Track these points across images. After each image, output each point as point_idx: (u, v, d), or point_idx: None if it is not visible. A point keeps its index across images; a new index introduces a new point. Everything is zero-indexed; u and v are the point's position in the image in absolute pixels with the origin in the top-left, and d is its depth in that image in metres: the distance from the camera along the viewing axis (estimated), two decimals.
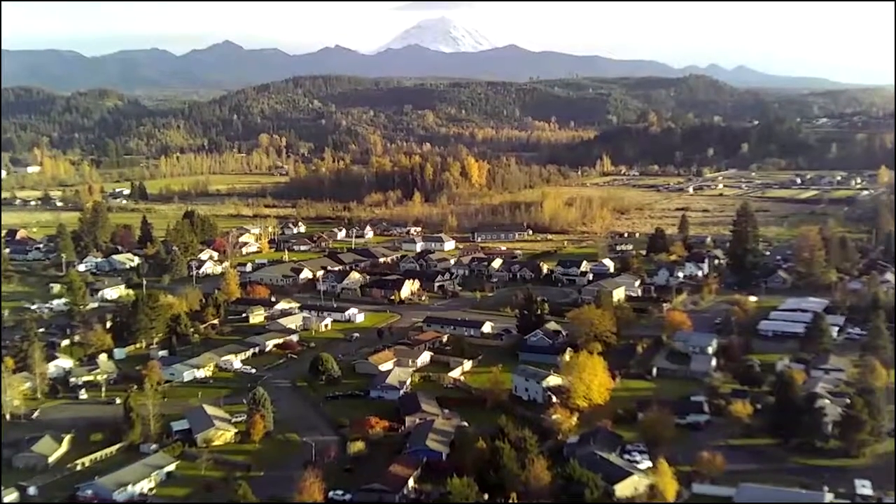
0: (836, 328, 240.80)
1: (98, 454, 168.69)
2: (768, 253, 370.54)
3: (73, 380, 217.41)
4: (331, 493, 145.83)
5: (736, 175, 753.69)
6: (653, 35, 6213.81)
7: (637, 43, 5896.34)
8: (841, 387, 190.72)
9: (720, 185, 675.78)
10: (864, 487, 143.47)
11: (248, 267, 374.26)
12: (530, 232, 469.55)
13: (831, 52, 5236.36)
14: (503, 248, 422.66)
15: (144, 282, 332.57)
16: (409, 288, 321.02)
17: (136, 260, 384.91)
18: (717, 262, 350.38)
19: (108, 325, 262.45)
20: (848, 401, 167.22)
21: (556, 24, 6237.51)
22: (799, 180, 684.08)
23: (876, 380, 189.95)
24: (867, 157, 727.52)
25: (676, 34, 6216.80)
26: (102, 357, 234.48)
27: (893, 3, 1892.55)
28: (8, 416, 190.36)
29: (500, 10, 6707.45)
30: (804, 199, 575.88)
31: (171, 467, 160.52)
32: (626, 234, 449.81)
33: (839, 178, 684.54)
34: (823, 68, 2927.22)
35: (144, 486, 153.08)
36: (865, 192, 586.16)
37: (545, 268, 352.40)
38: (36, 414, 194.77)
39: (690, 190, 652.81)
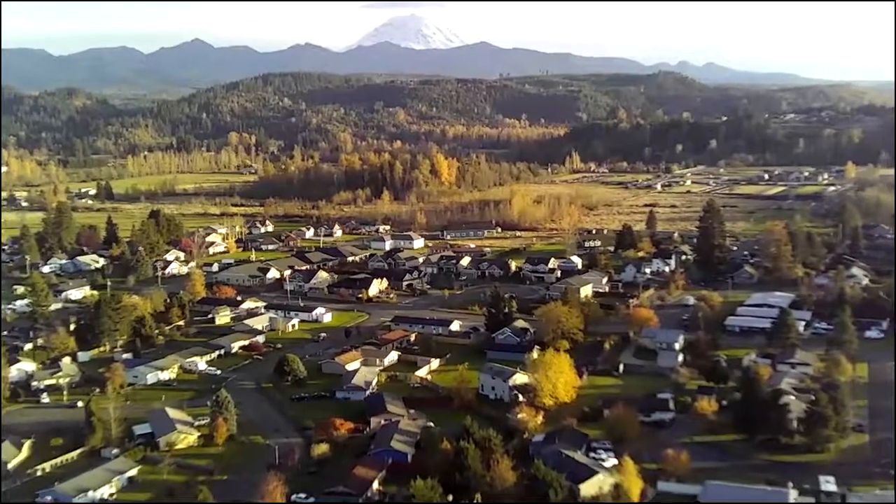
0: (803, 323, 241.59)
1: (59, 459, 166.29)
2: (735, 248, 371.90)
3: (35, 383, 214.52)
4: (294, 497, 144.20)
5: (704, 171, 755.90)
6: (624, 32, 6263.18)
7: (608, 40, 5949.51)
8: (806, 382, 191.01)
9: (688, 182, 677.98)
10: (828, 483, 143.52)
11: (215, 267, 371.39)
12: (499, 229, 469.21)
13: (800, 49, 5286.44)
14: (472, 245, 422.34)
15: (109, 283, 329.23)
16: (378, 287, 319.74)
17: (101, 261, 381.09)
18: (684, 257, 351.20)
19: (72, 327, 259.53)
20: (813, 396, 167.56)
21: (527, 21, 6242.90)
22: (767, 176, 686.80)
23: (841, 375, 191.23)
24: (834, 153, 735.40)
25: (647, 31, 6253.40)
26: (66, 360, 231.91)
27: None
28: None
29: (471, 7, 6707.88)
30: (771, 195, 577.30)
31: (133, 472, 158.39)
32: (594, 231, 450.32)
33: (806, 173, 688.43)
34: (792, 64, 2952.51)
35: (105, 491, 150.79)
36: (832, 188, 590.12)
37: (514, 265, 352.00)
38: None
39: (658, 186, 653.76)
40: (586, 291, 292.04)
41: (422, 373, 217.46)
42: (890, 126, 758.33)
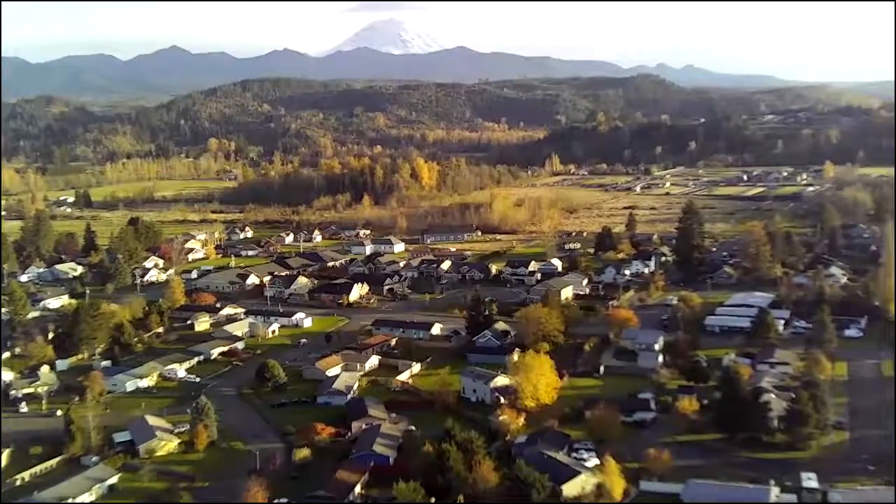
0: (782, 322, 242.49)
1: (38, 468, 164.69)
2: (714, 249, 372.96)
3: (13, 392, 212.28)
4: (275, 502, 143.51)
5: (683, 173, 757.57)
6: (603, 35, 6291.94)
7: (587, 43, 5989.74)
8: (786, 381, 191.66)
9: (667, 184, 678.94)
10: (809, 480, 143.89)
11: (194, 273, 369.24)
12: (480, 233, 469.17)
13: (778, 51, 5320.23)
14: (453, 249, 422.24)
15: (87, 291, 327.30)
16: (358, 291, 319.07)
17: (80, 269, 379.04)
18: (663, 259, 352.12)
19: (50, 335, 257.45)
20: (793, 395, 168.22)
21: (506, 25, 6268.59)
22: (745, 177, 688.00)
23: (820, 373, 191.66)
24: (813, 153, 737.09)
25: (626, 34, 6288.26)
26: (44, 368, 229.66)
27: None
28: None
29: (450, 11, 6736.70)
30: (751, 196, 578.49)
31: (113, 480, 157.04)
32: (574, 234, 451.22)
33: (785, 174, 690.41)
34: (770, 66, 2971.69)
35: (85, 499, 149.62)
36: (811, 188, 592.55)
37: (494, 268, 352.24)
38: None
39: (638, 189, 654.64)
40: (566, 293, 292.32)
41: (403, 377, 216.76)
42: (867, 126, 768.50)
